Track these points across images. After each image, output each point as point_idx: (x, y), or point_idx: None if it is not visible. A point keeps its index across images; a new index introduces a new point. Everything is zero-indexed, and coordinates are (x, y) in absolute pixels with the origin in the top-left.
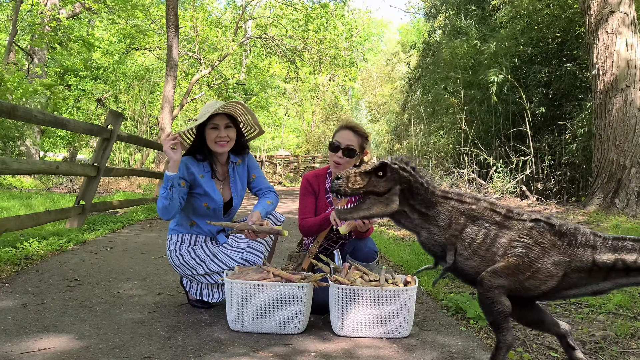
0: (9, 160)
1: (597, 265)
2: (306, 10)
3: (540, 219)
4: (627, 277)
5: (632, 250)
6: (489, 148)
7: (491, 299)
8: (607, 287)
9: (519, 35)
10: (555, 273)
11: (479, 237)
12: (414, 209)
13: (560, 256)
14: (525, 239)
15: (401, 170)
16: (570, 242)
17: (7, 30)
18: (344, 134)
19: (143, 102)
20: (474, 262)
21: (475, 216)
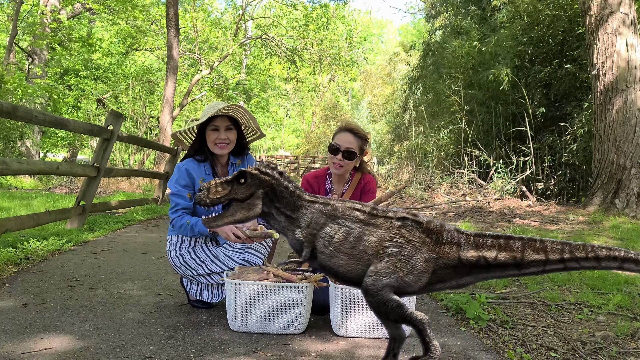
0: (10, 161)
1: (462, 262)
2: (306, 11)
3: (408, 216)
4: (487, 272)
5: (492, 247)
6: (489, 148)
7: (382, 300)
8: (469, 281)
9: (519, 36)
10: (427, 269)
11: (339, 235)
12: (280, 212)
13: (429, 253)
14: (397, 238)
15: (262, 174)
16: (438, 239)
17: (7, 30)
18: (344, 136)
19: (143, 103)
20: (341, 260)
21: (336, 215)
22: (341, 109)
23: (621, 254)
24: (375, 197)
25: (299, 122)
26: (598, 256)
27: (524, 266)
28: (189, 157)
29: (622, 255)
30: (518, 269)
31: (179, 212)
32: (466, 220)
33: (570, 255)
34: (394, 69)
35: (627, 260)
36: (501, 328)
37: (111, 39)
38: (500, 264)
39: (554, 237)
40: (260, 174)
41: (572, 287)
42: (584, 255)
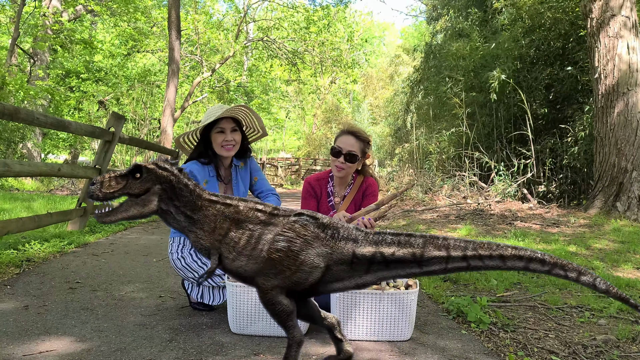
0: (11, 163)
1: (357, 257)
2: (307, 13)
3: (304, 212)
4: (387, 269)
5: (391, 244)
6: (491, 151)
7: (270, 300)
8: (370, 280)
9: (520, 38)
10: (318, 264)
11: (243, 239)
12: (180, 211)
13: (322, 247)
14: (288, 233)
15: (159, 170)
16: (333, 234)
17: (9, 32)
18: (346, 139)
19: (144, 105)
20: (241, 261)
21: (239, 219)
22: (342, 111)
23: (527, 253)
24: (377, 200)
25: (300, 124)
26: (503, 255)
27: (424, 263)
28: (192, 159)
29: (527, 255)
30: (419, 266)
31: None
32: (467, 222)
33: (473, 252)
34: (395, 71)
35: (533, 260)
36: (502, 331)
37: (112, 40)
38: (399, 259)
39: (555, 240)
40: (158, 169)
41: (573, 290)
42: (488, 253)
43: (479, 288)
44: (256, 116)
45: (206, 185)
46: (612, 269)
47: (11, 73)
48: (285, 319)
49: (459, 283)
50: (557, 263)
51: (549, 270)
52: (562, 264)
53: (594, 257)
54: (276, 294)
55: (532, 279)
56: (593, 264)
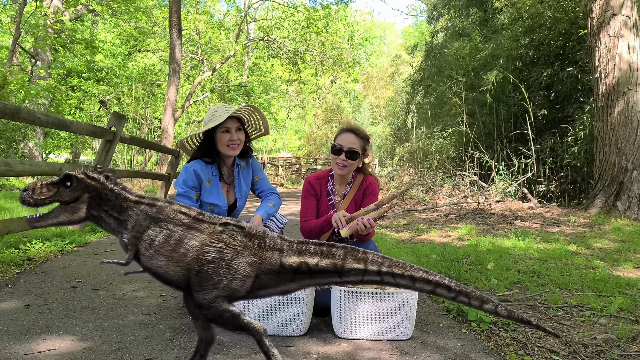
0: (13, 162)
1: (284, 267)
2: (308, 13)
3: (230, 222)
4: (311, 278)
5: (315, 254)
6: (491, 150)
7: (217, 312)
8: (294, 287)
9: (520, 37)
10: (250, 273)
11: (160, 238)
12: (109, 215)
13: (252, 257)
14: (218, 243)
15: (88, 179)
16: (260, 244)
17: (10, 32)
18: (346, 136)
19: (145, 104)
20: (160, 262)
21: (159, 218)
22: (343, 110)
23: (436, 278)
24: (377, 199)
25: (300, 123)
26: (413, 276)
27: (344, 274)
28: (196, 158)
29: (436, 280)
30: (339, 276)
31: None
32: (467, 222)
33: (388, 269)
34: (396, 71)
35: (440, 285)
36: (502, 330)
37: (113, 40)
38: (322, 270)
39: (555, 239)
40: (87, 179)
41: (573, 289)
42: (400, 272)
43: (479, 287)
44: (262, 116)
45: (209, 185)
46: (612, 268)
47: (12, 73)
48: (238, 321)
49: (459, 282)
50: (462, 291)
51: (454, 297)
52: (466, 292)
53: (594, 256)
54: (219, 304)
55: (532, 278)
56: (593, 264)
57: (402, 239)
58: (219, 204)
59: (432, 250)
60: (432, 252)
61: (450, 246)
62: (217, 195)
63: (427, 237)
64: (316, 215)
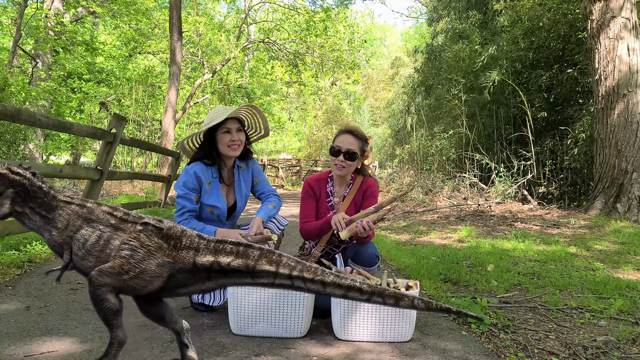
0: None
1: (197, 266)
2: (308, 15)
3: (149, 222)
4: (226, 277)
5: (230, 253)
6: (491, 152)
7: (99, 296)
8: (211, 286)
9: (520, 40)
10: (161, 274)
11: (92, 238)
12: (35, 212)
13: (165, 258)
14: (133, 242)
15: (12, 174)
16: (176, 244)
17: (11, 34)
18: (344, 137)
19: (146, 106)
20: (90, 262)
21: (91, 219)
22: (343, 112)
23: (347, 282)
24: (377, 201)
25: (301, 125)
26: (324, 281)
27: (256, 275)
28: (196, 160)
29: (347, 284)
30: (251, 277)
31: (185, 215)
32: (467, 224)
33: (298, 273)
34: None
35: (352, 288)
36: (502, 332)
37: (114, 42)
38: (234, 269)
39: (555, 241)
40: (10, 174)
41: (573, 291)
42: (311, 277)
43: (479, 289)
44: (262, 116)
45: (209, 187)
46: (612, 270)
47: (13, 74)
48: (110, 317)
49: (459, 284)
50: (375, 292)
51: (368, 299)
52: (379, 292)
53: (594, 258)
54: (106, 291)
55: (532, 279)
56: (593, 265)
57: (402, 240)
58: (218, 206)
59: (432, 252)
60: (432, 254)
61: (451, 248)
62: (217, 197)
63: (427, 238)
64: (316, 217)
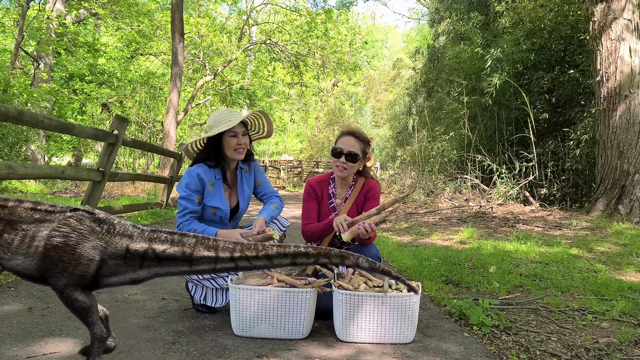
0: (16, 165)
1: (130, 252)
2: (310, 17)
3: (79, 208)
4: (160, 266)
5: (165, 241)
6: (493, 153)
7: (68, 298)
8: (144, 276)
9: (521, 41)
10: (94, 257)
11: (17, 240)
12: None
13: (98, 241)
14: (64, 228)
15: None
16: (109, 229)
17: (13, 36)
18: (346, 139)
19: (148, 107)
20: (18, 260)
21: (13, 220)
22: (345, 113)
23: (291, 250)
24: (379, 203)
25: (302, 126)
26: (268, 254)
27: (194, 262)
28: (199, 162)
29: (292, 251)
30: (189, 264)
31: (187, 217)
32: (469, 225)
33: (240, 254)
34: (397, 74)
35: (298, 254)
36: (504, 334)
37: (116, 43)
38: (170, 257)
39: (557, 243)
40: None
41: (575, 293)
42: (254, 254)
43: (481, 291)
44: (268, 120)
45: (212, 188)
46: (614, 271)
47: (15, 76)
48: (85, 314)
49: (461, 286)
50: (320, 253)
51: (315, 261)
52: (325, 253)
53: (596, 260)
54: (71, 291)
55: (534, 281)
56: (595, 267)
57: (404, 242)
58: (221, 207)
59: (434, 253)
60: (434, 256)
61: (452, 249)
62: (220, 199)
63: (429, 240)
64: (318, 219)
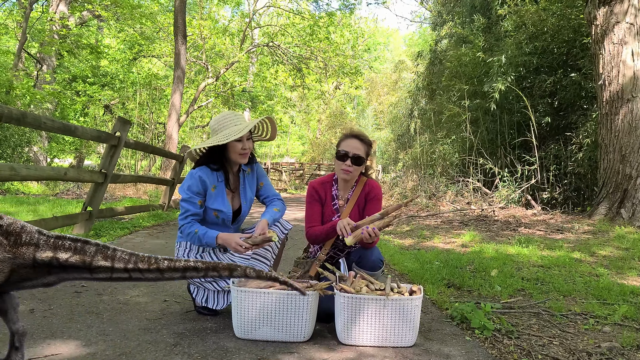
0: (18, 167)
1: (37, 262)
2: (313, 19)
3: None
4: (65, 273)
5: (68, 249)
6: (494, 157)
7: None
8: (53, 280)
9: (524, 45)
10: (2, 269)
11: None
12: None
13: (5, 254)
14: None
15: None
16: (16, 240)
17: (16, 37)
18: (351, 142)
19: (150, 109)
20: None
21: None
22: (346, 116)
23: (181, 264)
24: (380, 205)
25: (304, 129)
26: (160, 268)
27: (93, 270)
28: (202, 164)
29: (182, 265)
30: (89, 272)
31: (189, 219)
32: (471, 228)
33: (133, 265)
34: (399, 77)
35: (188, 269)
36: (506, 338)
37: (118, 45)
38: (72, 265)
39: (560, 246)
40: None
41: (577, 297)
42: (147, 266)
43: (482, 294)
44: (273, 125)
45: (214, 191)
46: (616, 276)
47: (18, 77)
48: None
49: (463, 289)
50: (209, 267)
51: (205, 275)
52: (213, 267)
53: (598, 264)
54: None
55: (536, 285)
56: (597, 271)
57: (406, 245)
58: (223, 210)
59: (435, 256)
60: (435, 259)
61: (454, 253)
62: (222, 202)
63: (431, 243)
64: (321, 221)
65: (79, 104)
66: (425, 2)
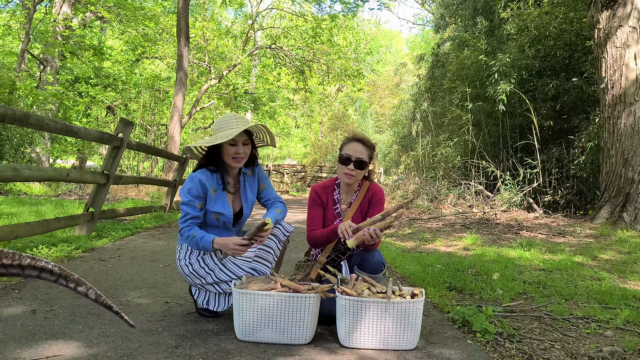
0: (20, 167)
1: None
2: (316, 22)
3: None
4: None
5: None
6: (496, 160)
7: None
8: None
9: (526, 48)
10: None
11: None
12: None
13: None
14: None
15: None
16: None
17: (20, 38)
18: (354, 146)
19: (152, 111)
20: None
21: None
22: (348, 118)
23: (41, 264)
24: (383, 208)
25: (306, 131)
26: (21, 264)
27: None
28: (202, 166)
29: (40, 265)
30: None
31: (188, 222)
32: (473, 231)
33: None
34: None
35: (44, 270)
36: (508, 341)
37: (121, 47)
38: None
39: (561, 250)
40: None
41: (579, 301)
42: (10, 262)
43: (484, 298)
44: (270, 134)
45: (214, 194)
46: (618, 279)
47: (21, 78)
48: None
49: (464, 292)
50: (62, 275)
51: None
52: (65, 276)
53: (600, 267)
54: None
55: (537, 288)
56: (599, 275)
57: (407, 247)
58: (224, 212)
59: (437, 259)
60: (437, 262)
61: (456, 256)
62: (223, 204)
63: (433, 246)
64: (323, 224)
65: (81, 105)
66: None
